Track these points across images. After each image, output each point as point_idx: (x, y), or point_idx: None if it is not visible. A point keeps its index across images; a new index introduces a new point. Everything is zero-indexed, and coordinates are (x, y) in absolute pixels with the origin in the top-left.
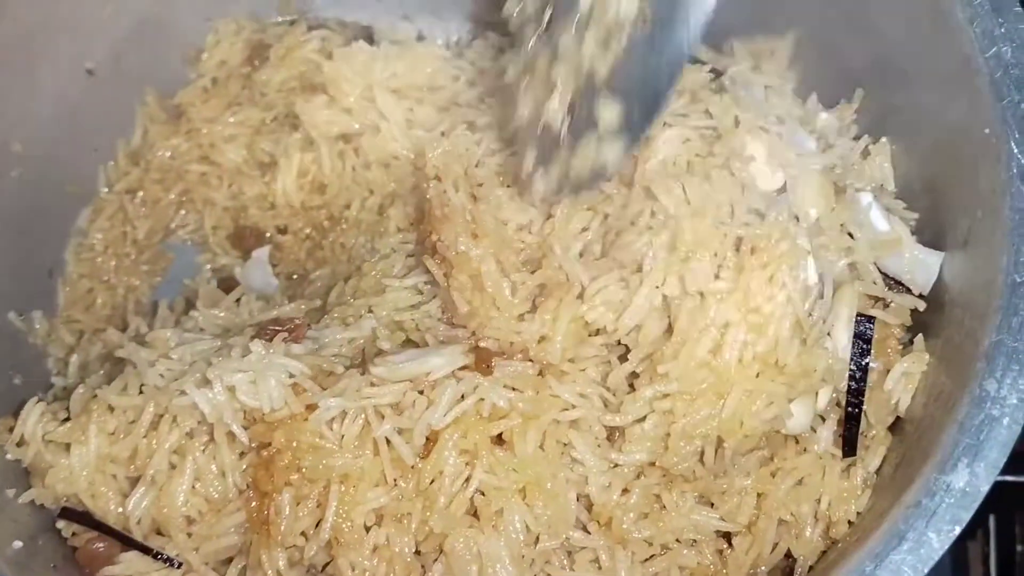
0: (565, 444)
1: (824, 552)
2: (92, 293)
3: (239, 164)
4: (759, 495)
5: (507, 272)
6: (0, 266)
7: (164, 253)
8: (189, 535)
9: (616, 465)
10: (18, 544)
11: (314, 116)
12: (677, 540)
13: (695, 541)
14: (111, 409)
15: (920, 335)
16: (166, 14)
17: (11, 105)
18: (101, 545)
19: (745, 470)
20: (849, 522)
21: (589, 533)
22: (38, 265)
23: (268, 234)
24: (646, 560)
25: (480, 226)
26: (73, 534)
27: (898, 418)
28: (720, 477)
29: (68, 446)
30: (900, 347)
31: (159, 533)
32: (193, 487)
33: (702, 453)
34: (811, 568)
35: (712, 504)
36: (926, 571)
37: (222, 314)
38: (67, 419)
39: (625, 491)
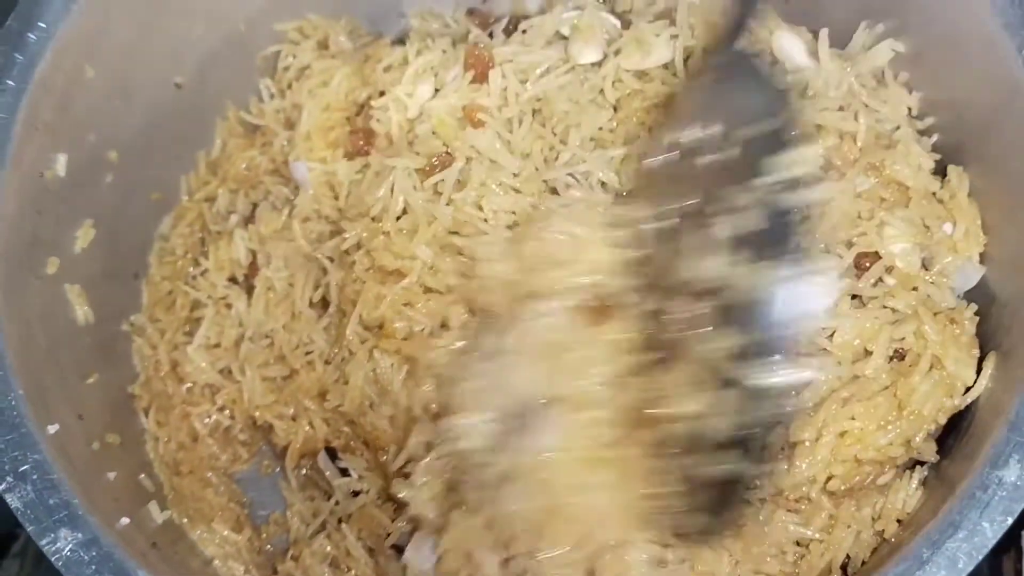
0: None
1: (875, 549)
2: (172, 295)
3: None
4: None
5: None
6: (95, 267)
7: None
8: None
9: None
10: (125, 520)
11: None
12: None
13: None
14: None
15: None
16: (248, 34)
17: (111, 116)
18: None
19: None
20: (898, 520)
21: None
22: (125, 268)
23: None
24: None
25: None
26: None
27: None
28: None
29: None
30: None
31: None
32: None
33: None
34: (863, 563)
35: None
36: (980, 558)
37: None
38: None
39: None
